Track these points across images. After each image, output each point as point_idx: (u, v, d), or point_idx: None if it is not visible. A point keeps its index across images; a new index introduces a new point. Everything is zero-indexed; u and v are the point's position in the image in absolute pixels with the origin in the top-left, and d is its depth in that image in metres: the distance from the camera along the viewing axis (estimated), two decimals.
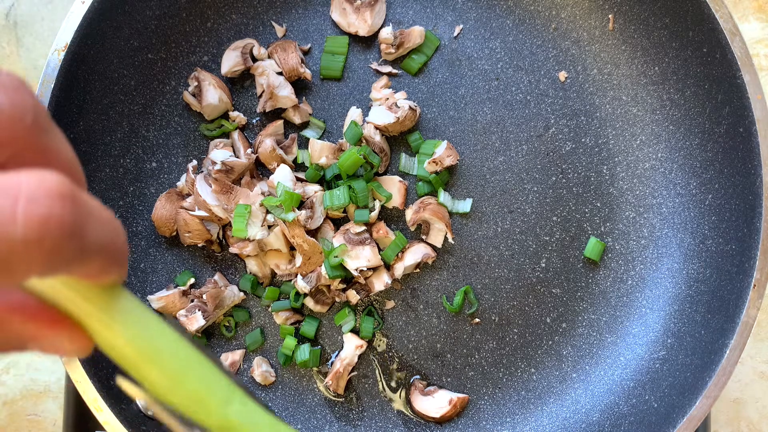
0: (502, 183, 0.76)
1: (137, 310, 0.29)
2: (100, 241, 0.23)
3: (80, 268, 0.23)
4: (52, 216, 0.20)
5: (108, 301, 0.27)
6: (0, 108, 0.22)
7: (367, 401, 0.75)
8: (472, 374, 0.75)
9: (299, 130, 0.76)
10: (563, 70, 0.76)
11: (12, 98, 0.22)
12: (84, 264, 0.23)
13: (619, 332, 0.75)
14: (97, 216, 0.23)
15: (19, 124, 0.22)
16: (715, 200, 0.71)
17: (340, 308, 0.75)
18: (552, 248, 0.76)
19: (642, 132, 0.76)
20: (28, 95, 0.23)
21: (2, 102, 0.22)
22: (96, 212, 0.23)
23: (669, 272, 0.74)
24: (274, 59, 0.75)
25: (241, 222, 0.70)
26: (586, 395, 0.75)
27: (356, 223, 0.73)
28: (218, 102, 0.74)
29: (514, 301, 0.75)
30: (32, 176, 0.21)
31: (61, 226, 0.21)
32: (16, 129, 0.22)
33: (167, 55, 0.75)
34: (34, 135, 0.23)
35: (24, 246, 0.20)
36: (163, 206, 0.74)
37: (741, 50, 0.66)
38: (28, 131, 0.23)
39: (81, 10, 0.67)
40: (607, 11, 0.75)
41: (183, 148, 0.76)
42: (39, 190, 0.21)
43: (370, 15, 0.75)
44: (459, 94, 0.76)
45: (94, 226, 0.23)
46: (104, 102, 0.73)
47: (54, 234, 0.21)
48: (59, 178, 0.21)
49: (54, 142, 0.25)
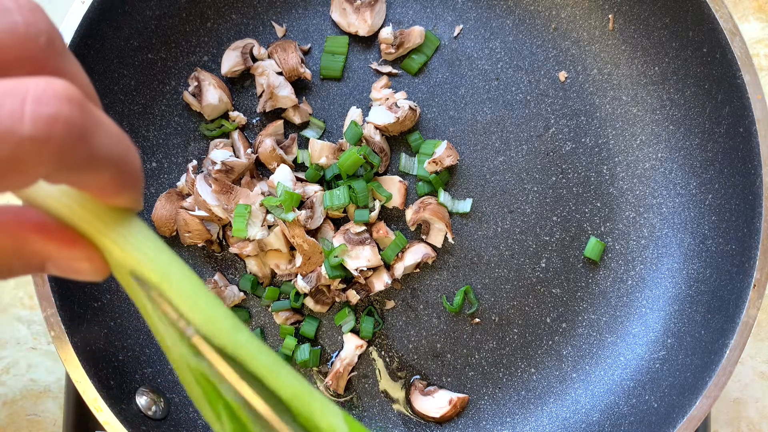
0: (502, 183, 0.76)
1: (150, 236, 0.29)
2: (110, 152, 0.23)
3: (90, 177, 0.23)
4: (60, 115, 0.21)
5: (122, 223, 0.28)
6: (14, 26, 0.22)
7: (367, 401, 0.75)
8: (472, 374, 0.75)
9: (299, 130, 0.76)
10: (563, 70, 0.76)
11: (26, 17, 0.22)
12: (94, 173, 0.23)
13: (619, 332, 0.75)
14: (107, 127, 0.23)
15: (33, 43, 0.23)
16: (715, 200, 0.71)
17: (340, 308, 0.75)
18: (552, 248, 0.76)
19: (642, 132, 0.76)
20: (44, 17, 0.23)
21: (17, 20, 0.22)
22: (106, 123, 0.23)
23: (669, 272, 0.74)
24: (274, 59, 0.75)
25: (241, 222, 0.70)
26: (586, 395, 0.75)
27: (356, 223, 0.73)
28: (218, 102, 0.74)
29: (514, 301, 0.75)
30: (40, 80, 0.21)
31: (68, 127, 0.21)
32: (29, 48, 0.23)
33: (167, 55, 0.75)
34: (49, 56, 0.24)
35: (31, 143, 0.20)
36: (163, 206, 0.74)
37: (741, 50, 0.66)
38: (42, 51, 0.23)
39: (81, 10, 0.67)
40: (607, 11, 0.75)
41: (183, 148, 0.76)
42: (47, 92, 0.21)
43: (370, 15, 0.75)
44: (459, 94, 0.76)
45: (104, 135, 0.23)
46: (104, 102, 0.72)
47: (61, 133, 0.21)
48: (68, 84, 0.22)
49: (69, 66, 0.25)
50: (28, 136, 0.20)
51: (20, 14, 0.22)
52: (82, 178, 0.23)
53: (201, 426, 0.74)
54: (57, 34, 0.24)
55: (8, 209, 0.26)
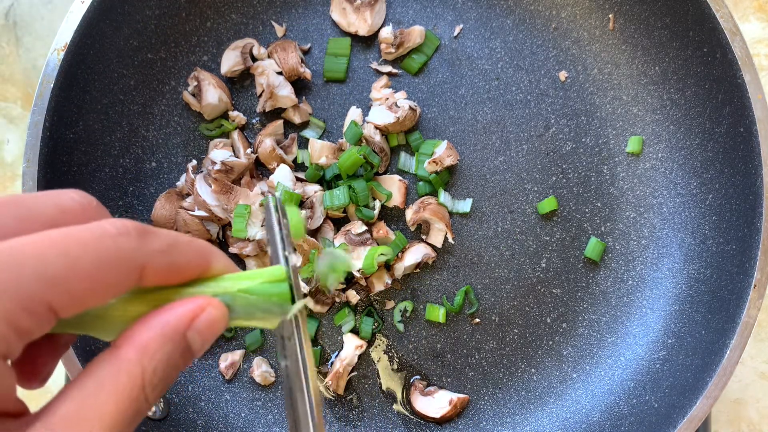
0: (502, 183, 0.76)
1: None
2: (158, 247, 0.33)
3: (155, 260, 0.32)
4: (130, 226, 0.32)
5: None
6: (74, 203, 0.33)
7: (367, 401, 0.75)
8: (472, 374, 0.75)
9: (299, 130, 0.76)
10: (563, 69, 0.76)
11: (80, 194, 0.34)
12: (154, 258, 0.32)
13: (620, 332, 0.75)
14: (156, 233, 0.33)
15: (88, 206, 0.34)
16: (715, 200, 0.71)
17: (339, 308, 0.75)
18: (552, 248, 0.76)
19: (642, 132, 0.76)
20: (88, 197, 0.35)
21: (74, 197, 0.34)
22: (154, 230, 0.33)
23: (669, 272, 0.74)
24: (274, 59, 0.75)
25: (241, 222, 0.70)
26: (586, 395, 0.75)
27: (359, 219, 0.73)
28: (218, 102, 0.74)
29: (515, 301, 0.75)
30: (110, 220, 0.32)
31: (136, 229, 0.32)
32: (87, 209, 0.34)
33: (167, 55, 0.75)
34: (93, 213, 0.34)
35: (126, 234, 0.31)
36: (162, 206, 0.74)
37: (741, 50, 0.66)
38: (95, 211, 0.34)
39: (81, 9, 0.67)
40: (608, 11, 0.75)
41: (183, 148, 0.76)
42: (118, 221, 0.32)
43: (370, 15, 0.75)
44: (459, 93, 0.76)
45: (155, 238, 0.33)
46: (104, 102, 0.72)
47: (133, 231, 0.31)
48: (125, 220, 0.33)
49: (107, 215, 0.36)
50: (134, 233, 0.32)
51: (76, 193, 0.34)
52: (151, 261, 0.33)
53: (201, 426, 0.73)
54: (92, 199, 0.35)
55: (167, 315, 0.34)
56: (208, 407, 0.74)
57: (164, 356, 0.32)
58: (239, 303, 0.36)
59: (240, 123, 0.75)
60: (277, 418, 0.75)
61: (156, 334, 0.32)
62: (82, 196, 0.33)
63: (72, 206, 0.32)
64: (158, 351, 0.32)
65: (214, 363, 0.76)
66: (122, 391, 0.30)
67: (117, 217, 0.75)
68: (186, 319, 0.33)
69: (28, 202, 0.31)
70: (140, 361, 0.31)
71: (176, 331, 0.33)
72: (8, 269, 0.27)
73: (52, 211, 0.32)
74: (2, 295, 0.27)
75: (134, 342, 0.32)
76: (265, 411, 0.75)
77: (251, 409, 0.75)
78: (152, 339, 0.32)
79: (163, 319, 0.33)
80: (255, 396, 0.75)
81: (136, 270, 0.31)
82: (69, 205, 0.32)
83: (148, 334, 0.32)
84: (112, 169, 0.74)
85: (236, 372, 0.75)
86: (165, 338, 0.32)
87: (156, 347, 0.32)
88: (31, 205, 0.31)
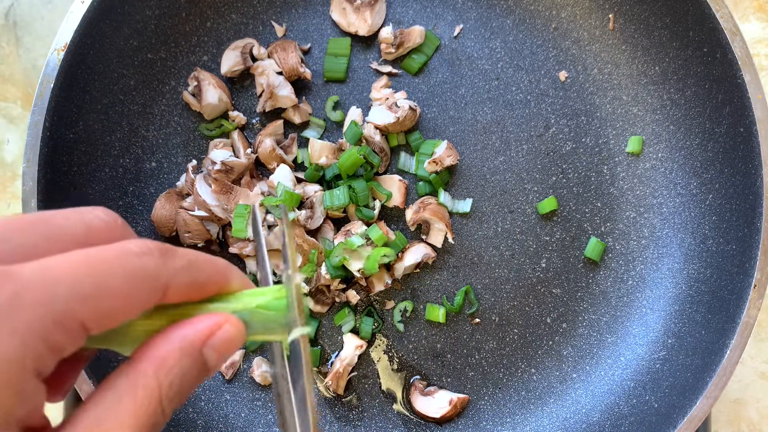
0: (502, 183, 0.76)
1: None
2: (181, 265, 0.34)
3: (177, 278, 0.34)
4: (152, 245, 0.33)
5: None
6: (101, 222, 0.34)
7: (367, 401, 0.75)
8: (472, 374, 0.75)
9: (299, 130, 0.76)
10: (563, 69, 0.76)
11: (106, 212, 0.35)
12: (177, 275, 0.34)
13: (620, 332, 0.75)
14: (177, 251, 0.34)
15: (114, 225, 0.35)
16: (715, 200, 0.71)
17: (339, 308, 0.75)
18: (552, 248, 0.76)
19: (642, 132, 0.76)
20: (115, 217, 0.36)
21: (100, 215, 0.34)
22: (176, 249, 0.35)
23: (669, 272, 0.74)
24: (274, 59, 0.75)
25: (241, 222, 0.70)
26: (586, 395, 0.75)
27: (359, 219, 0.73)
28: (218, 102, 0.74)
29: (515, 301, 0.75)
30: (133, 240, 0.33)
31: (158, 249, 0.33)
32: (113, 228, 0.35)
33: (167, 55, 0.75)
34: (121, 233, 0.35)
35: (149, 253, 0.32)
36: (162, 206, 0.74)
37: (741, 50, 0.66)
38: (120, 229, 0.35)
39: (81, 9, 0.67)
40: (608, 11, 0.75)
41: (183, 148, 0.76)
42: (140, 241, 0.33)
43: (370, 14, 0.75)
44: (459, 93, 0.76)
45: (176, 256, 0.34)
46: (104, 102, 0.72)
47: (156, 250, 0.33)
48: (146, 240, 0.34)
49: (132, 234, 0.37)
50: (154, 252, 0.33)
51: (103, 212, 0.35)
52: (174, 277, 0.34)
53: (201, 426, 0.73)
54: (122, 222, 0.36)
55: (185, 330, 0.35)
56: (208, 407, 0.74)
57: (180, 371, 0.33)
58: (257, 318, 0.37)
59: (240, 123, 0.75)
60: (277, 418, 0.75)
61: (173, 348, 0.33)
62: (108, 214, 0.34)
63: (98, 225, 0.34)
64: (175, 366, 0.33)
65: None
66: (140, 405, 0.31)
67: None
68: (203, 335, 0.34)
69: (57, 221, 0.32)
70: (156, 375, 0.32)
71: (193, 346, 0.33)
72: (43, 288, 0.28)
73: (79, 229, 0.33)
74: (39, 314, 0.28)
75: (151, 356, 0.32)
76: (265, 411, 0.75)
77: (251, 409, 0.75)
78: (169, 353, 0.33)
79: (181, 334, 0.33)
80: (255, 396, 0.75)
81: (161, 287, 0.32)
82: (95, 224, 0.33)
83: (166, 349, 0.33)
84: (112, 169, 0.74)
85: (236, 372, 0.75)
86: (182, 353, 0.33)
87: (172, 362, 0.33)
88: (59, 224, 0.32)
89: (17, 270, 0.28)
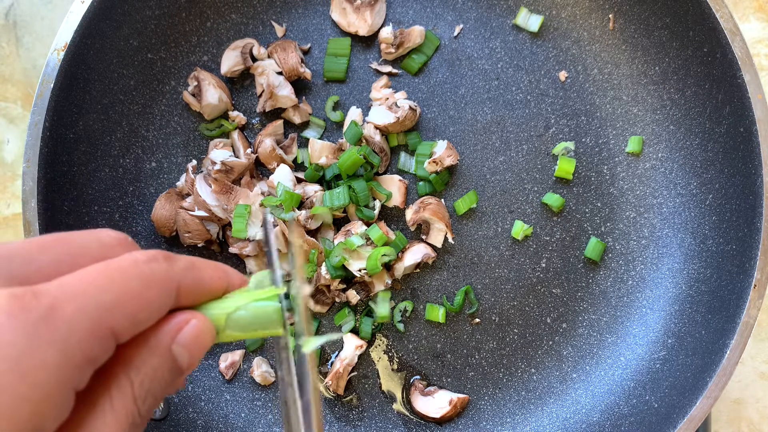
0: (502, 183, 0.76)
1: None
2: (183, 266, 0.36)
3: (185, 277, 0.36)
4: (155, 253, 0.35)
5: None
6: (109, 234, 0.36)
7: (367, 401, 0.75)
8: (472, 374, 0.75)
9: (299, 130, 0.76)
10: (563, 69, 0.76)
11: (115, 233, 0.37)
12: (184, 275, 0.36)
13: (620, 332, 0.75)
14: (177, 256, 0.36)
15: (124, 242, 0.36)
16: (715, 200, 0.71)
17: (339, 308, 0.75)
18: (552, 248, 0.76)
19: (642, 132, 0.76)
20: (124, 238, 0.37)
21: (110, 234, 0.36)
22: (176, 254, 0.37)
23: (669, 272, 0.74)
24: (274, 59, 0.75)
25: (241, 222, 0.70)
26: (586, 395, 0.75)
27: (359, 219, 0.73)
28: (218, 102, 0.74)
29: (515, 301, 0.75)
30: (137, 251, 0.35)
31: (162, 255, 0.35)
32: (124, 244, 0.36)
33: (167, 55, 0.75)
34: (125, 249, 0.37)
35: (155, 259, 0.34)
36: (162, 206, 0.74)
37: (741, 50, 0.66)
38: (130, 245, 0.37)
39: (81, 9, 0.67)
40: (608, 11, 0.75)
41: (183, 148, 0.76)
42: (143, 251, 0.35)
43: (370, 15, 0.75)
44: (459, 93, 0.76)
45: (178, 259, 0.36)
46: (104, 102, 0.72)
47: (159, 256, 0.35)
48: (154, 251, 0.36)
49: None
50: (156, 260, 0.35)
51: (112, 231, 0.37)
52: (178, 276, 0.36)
53: (201, 426, 0.73)
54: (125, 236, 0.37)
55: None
56: (208, 407, 0.74)
57: (150, 370, 0.33)
58: (254, 314, 0.38)
59: (240, 123, 0.75)
60: (277, 418, 0.75)
61: (141, 348, 0.34)
62: (117, 234, 0.37)
63: (110, 242, 0.35)
64: (144, 364, 0.33)
65: (214, 363, 0.76)
66: (114, 405, 0.32)
67: (117, 217, 0.75)
68: (170, 333, 0.34)
69: (77, 240, 0.34)
70: (127, 374, 0.33)
71: (160, 344, 0.34)
72: (74, 301, 0.30)
73: (96, 247, 0.35)
74: (74, 325, 0.29)
75: (122, 356, 0.33)
76: (265, 411, 0.75)
77: (251, 409, 0.75)
78: (137, 353, 0.33)
79: (148, 333, 0.34)
80: (255, 396, 0.75)
81: (173, 288, 0.34)
82: (107, 241, 0.35)
83: (135, 349, 0.33)
84: (112, 169, 0.74)
85: (236, 372, 0.75)
86: (149, 351, 0.34)
87: (141, 361, 0.33)
88: (80, 243, 0.34)
89: (46, 287, 0.30)
